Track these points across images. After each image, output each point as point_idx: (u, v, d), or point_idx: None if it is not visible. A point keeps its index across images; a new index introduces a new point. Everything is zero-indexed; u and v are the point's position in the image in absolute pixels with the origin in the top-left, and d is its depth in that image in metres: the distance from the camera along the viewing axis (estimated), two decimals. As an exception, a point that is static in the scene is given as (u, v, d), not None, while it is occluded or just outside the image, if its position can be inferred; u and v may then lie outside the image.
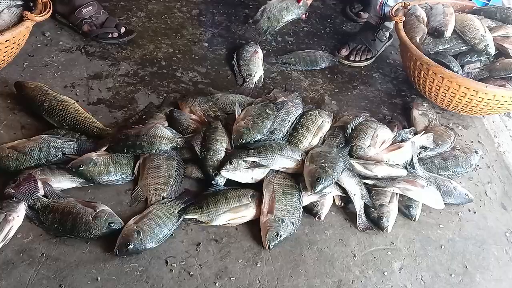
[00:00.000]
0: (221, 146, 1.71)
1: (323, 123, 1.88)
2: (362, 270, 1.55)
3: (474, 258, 1.66)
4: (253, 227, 1.59)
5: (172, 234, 1.53)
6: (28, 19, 1.81)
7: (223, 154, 1.69)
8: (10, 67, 1.98)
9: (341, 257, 1.58)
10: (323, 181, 1.58)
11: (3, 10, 1.80)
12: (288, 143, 1.80)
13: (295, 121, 1.88)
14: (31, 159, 1.60)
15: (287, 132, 1.84)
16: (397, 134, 1.88)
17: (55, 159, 1.62)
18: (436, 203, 1.74)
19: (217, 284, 1.44)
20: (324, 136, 1.88)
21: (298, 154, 1.72)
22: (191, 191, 1.66)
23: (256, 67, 2.21)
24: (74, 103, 1.80)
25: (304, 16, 2.37)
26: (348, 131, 1.84)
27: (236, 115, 1.82)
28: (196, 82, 2.14)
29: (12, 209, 1.46)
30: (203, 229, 1.57)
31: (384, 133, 1.86)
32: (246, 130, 1.75)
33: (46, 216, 1.49)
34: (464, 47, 2.08)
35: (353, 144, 1.80)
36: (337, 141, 1.83)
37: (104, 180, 1.62)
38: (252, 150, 1.68)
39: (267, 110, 1.83)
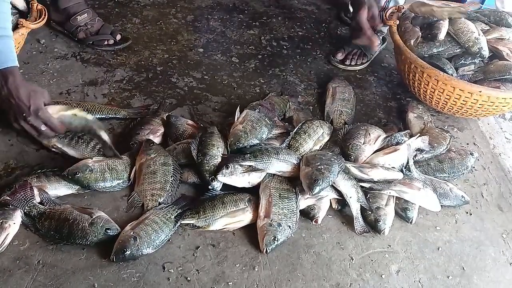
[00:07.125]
0: (217, 151, 1.71)
1: (323, 134, 1.88)
2: (359, 273, 1.55)
3: (471, 260, 1.66)
4: (250, 232, 1.59)
5: (169, 240, 1.52)
6: (23, 27, 1.81)
7: (219, 159, 1.69)
8: (5, 75, 1.98)
9: (339, 260, 1.58)
10: (321, 182, 1.58)
11: (-2, 17, 1.81)
12: (287, 147, 1.80)
13: (296, 128, 1.86)
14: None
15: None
16: (392, 137, 1.88)
17: None
18: (433, 205, 1.74)
19: (214, 289, 1.44)
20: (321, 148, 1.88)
21: (294, 157, 1.72)
22: (188, 196, 1.66)
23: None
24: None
25: None
26: (339, 136, 1.87)
27: (235, 119, 1.82)
28: (191, 87, 2.14)
29: (8, 216, 1.45)
30: (200, 234, 1.57)
31: (375, 131, 1.89)
32: (244, 134, 1.74)
33: (42, 223, 1.49)
34: (458, 50, 2.09)
35: (348, 144, 1.81)
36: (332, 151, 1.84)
37: (100, 186, 1.61)
38: (248, 154, 1.68)
39: (266, 118, 1.83)
